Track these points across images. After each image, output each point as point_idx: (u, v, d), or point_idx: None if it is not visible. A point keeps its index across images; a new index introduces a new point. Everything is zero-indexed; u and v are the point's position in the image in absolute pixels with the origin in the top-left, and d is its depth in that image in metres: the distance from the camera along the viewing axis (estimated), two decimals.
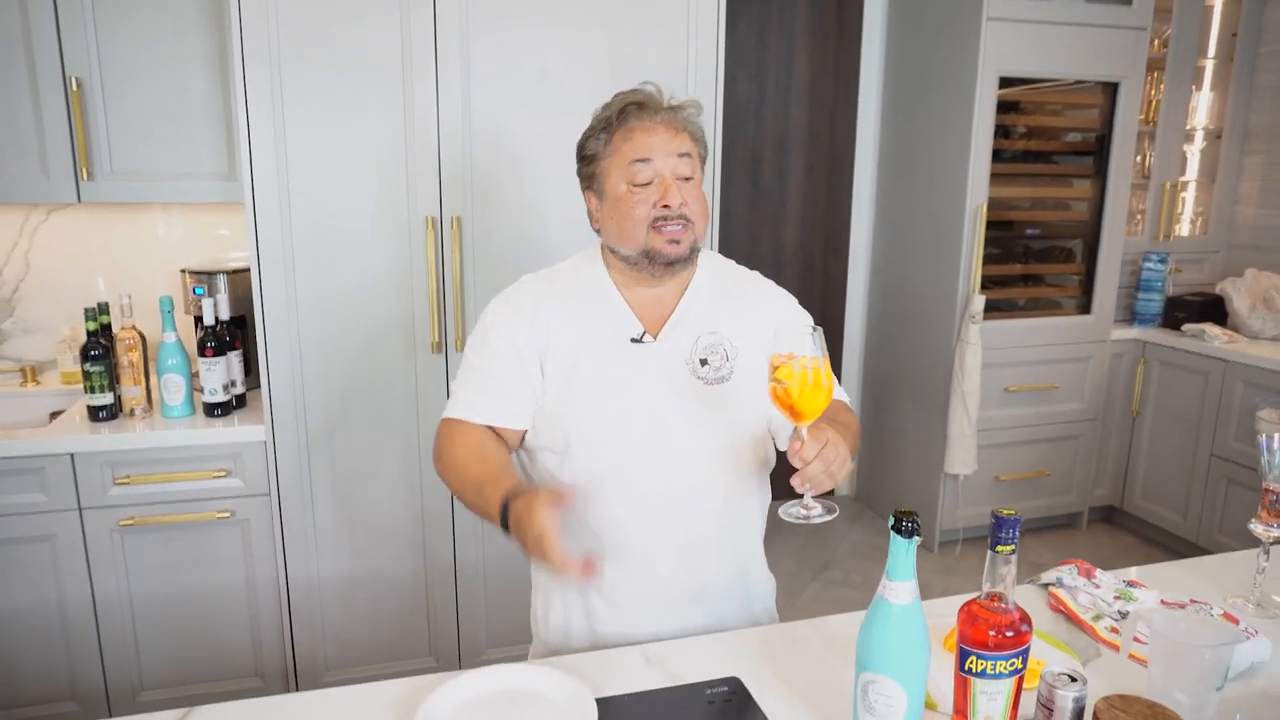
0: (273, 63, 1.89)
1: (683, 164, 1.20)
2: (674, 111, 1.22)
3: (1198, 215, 3.70)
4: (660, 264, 1.21)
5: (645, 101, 1.22)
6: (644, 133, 1.20)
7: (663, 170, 1.19)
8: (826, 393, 1.02)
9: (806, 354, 1.01)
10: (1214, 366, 3.07)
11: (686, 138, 1.22)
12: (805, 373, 1.01)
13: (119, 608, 2.02)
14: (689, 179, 1.21)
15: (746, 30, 3.34)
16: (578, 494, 1.13)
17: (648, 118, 1.20)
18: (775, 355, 1.03)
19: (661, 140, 1.19)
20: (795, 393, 1.01)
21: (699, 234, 1.23)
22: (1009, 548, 0.85)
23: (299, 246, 1.99)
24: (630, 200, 1.20)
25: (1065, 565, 1.29)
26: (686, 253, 1.21)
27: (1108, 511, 3.62)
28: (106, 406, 2.01)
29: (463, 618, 2.28)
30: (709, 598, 1.26)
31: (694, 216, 1.21)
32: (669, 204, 1.18)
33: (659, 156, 1.19)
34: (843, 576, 3.13)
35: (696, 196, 1.22)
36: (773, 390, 1.03)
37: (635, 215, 1.19)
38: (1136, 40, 3.09)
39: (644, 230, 1.19)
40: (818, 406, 1.03)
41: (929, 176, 3.23)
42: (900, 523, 0.85)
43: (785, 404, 1.02)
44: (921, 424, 3.35)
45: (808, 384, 1.01)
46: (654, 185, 1.19)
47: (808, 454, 1.01)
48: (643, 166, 1.19)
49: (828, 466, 1.01)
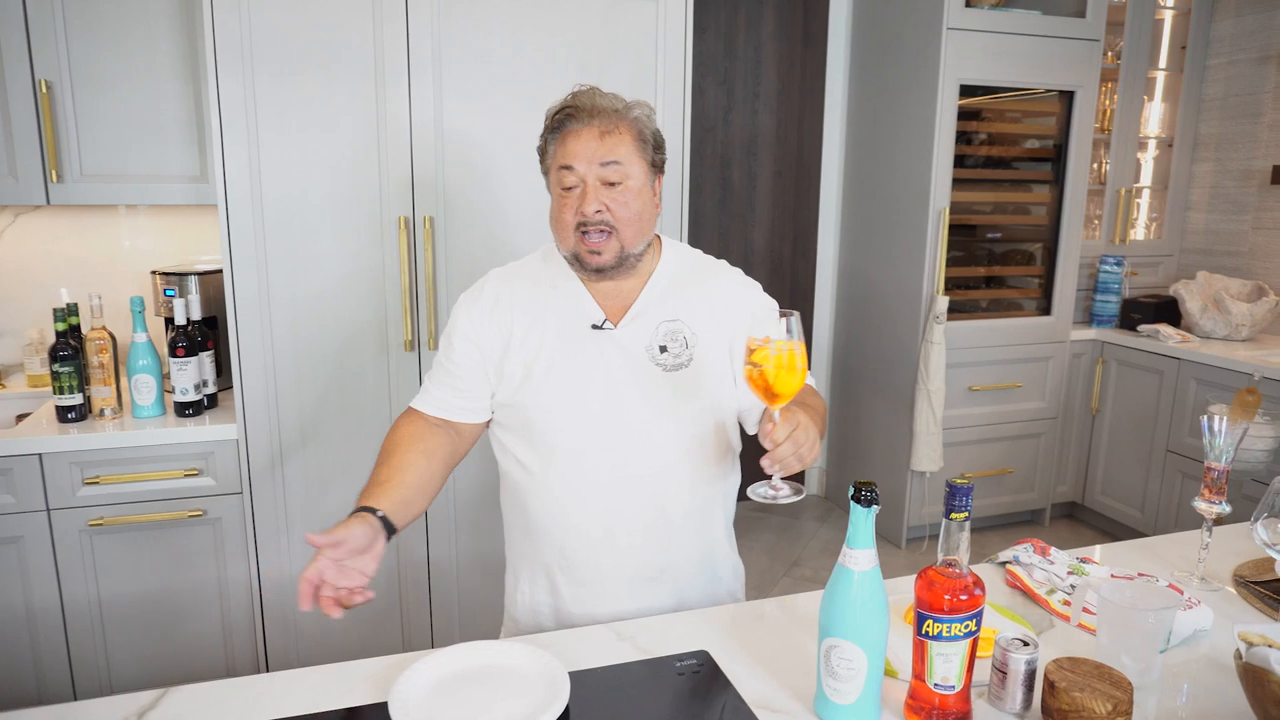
0: (245, 65, 1.90)
1: (610, 171, 1.20)
2: (607, 116, 1.21)
3: (1152, 220, 3.82)
4: (589, 269, 1.24)
5: (577, 106, 1.22)
6: (574, 138, 1.21)
7: (586, 176, 1.20)
8: (801, 376, 1.06)
9: (782, 338, 1.05)
10: (1168, 365, 3.17)
11: (622, 141, 1.21)
12: (781, 356, 1.05)
13: (88, 609, 2.01)
14: (615, 184, 1.20)
15: (715, 38, 3.41)
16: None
17: (578, 123, 1.21)
18: (752, 338, 1.07)
19: (587, 146, 1.20)
20: (771, 375, 1.05)
21: (628, 240, 1.22)
22: (962, 515, 0.90)
23: (271, 247, 2.00)
24: (558, 205, 1.24)
25: (1021, 544, 1.34)
26: (611, 261, 1.22)
27: (1070, 508, 3.71)
28: (75, 407, 2.00)
29: (436, 613, 2.29)
30: (673, 580, 1.30)
31: (620, 223, 1.21)
32: (583, 211, 1.20)
33: (581, 163, 1.20)
34: (812, 573, 3.18)
35: (624, 203, 1.21)
36: (749, 373, 1.07)
37: (562, 220, 1.23)
38: (1090, 51, 3.20)
39: (571, 235, 1.23)
40: (792, 389, 1.07)
41: (893, 180, 3.31)
42: (860, 492, 0.89)
43: (760, 386, 1.06)
44: (888, 422, 3.41)
45: (783, 367, 1.05)
46: (578, 191, 1.21)
47: (778, 436, 1.04)
48: (567, 173, 1.21)
49: (797, 449, 1.05)
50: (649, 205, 1.26)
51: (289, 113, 1.96)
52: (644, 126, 1.25)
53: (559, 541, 1.28)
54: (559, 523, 1.28)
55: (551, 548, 1.29)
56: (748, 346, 1.07)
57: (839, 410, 3.77)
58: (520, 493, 1.31)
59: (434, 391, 1.32)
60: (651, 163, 1.26)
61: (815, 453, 1.09)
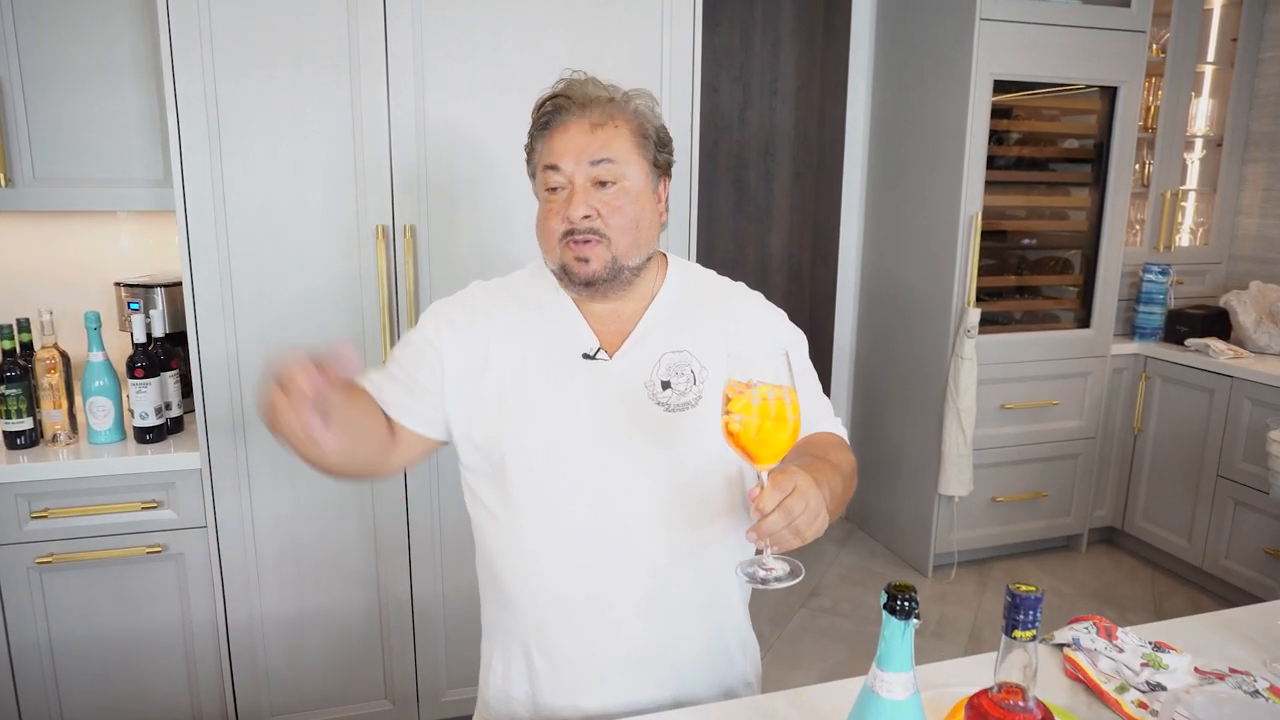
0: (205, 61, 1.72)
1: (602, 169, 1.03)
2: (601, 107, 1.05)
3: (1198, 225, 3.57)
4: (578, 283, 1.06)
5: (568, 96, 1.06)
6: (560, 133, 1.05)
7: (574, 176, 1.03)
8: (792, 430, 0.86)
9: (769, 381, 0.86)
10: (1220, 383, 2.93)
11: (618, 135, 1.05)
12: (766, 404, 0.85)
13: (37, 653, 1.84)
14: (608, 184, 1.04)
15: (730, 31, 3.20)
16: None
17: (568, 115, 1.05)
18: (731, 383, 0.87)
19: (574, 142, 1.04)
20: (752, 429, 0.85)
21: (622, 250, 1.05)
22: (1029, 633, 0.69)
23: (236, 257, 1.82)
24: (545, 209, 1.07)
25: (1081, 622, 1.13)
26: (602, 272, 1.05)
27: (1108, 533, 3.47)
28: (25, 432, 1.83)
29: (421, 657, 2.11)
30: (673, 663, 1.10)
31: (612, 230, 1.04)
32: (569, 215, 1.03)
33: (569, 161, 1.03)
34: (832, 604, 2.97)
35: (618, 207, 1.04)
36: (725, 425, 0.87)
37: (547, 226, 1.06)
38: (1135, 43, 2.96)
39: (556, 244, 1.05)
40: (780, 446, 0.87)
41: (921, 183, 3.09)
42: (895, 600, 0.69)
43: (738, 443, 0.87)
44: (914, 442, 3.19)
45: (768, 418, 0.85)
46: (563, 193, 1.04)
47: (766, 504, 0.84)
48: (552, 173, 1.04)
49: (791, 520, 0.85)
50: (649, 211, 1.08)
51: (254, 112, 1.78)
52: (645, 120, 1.07)
53: (535, 611, 1.09)
54: (535, 588, 1.09)
55: (526, 619, 1.10)
56: (725, 393, 0.87)
57: (860, 429, 3.55)
58: (492, 551, 1.13)
59: (379, 380, 1.13)
60: (654, 162, 1.08)
61: (819, 526, 0.88)
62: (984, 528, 3.17)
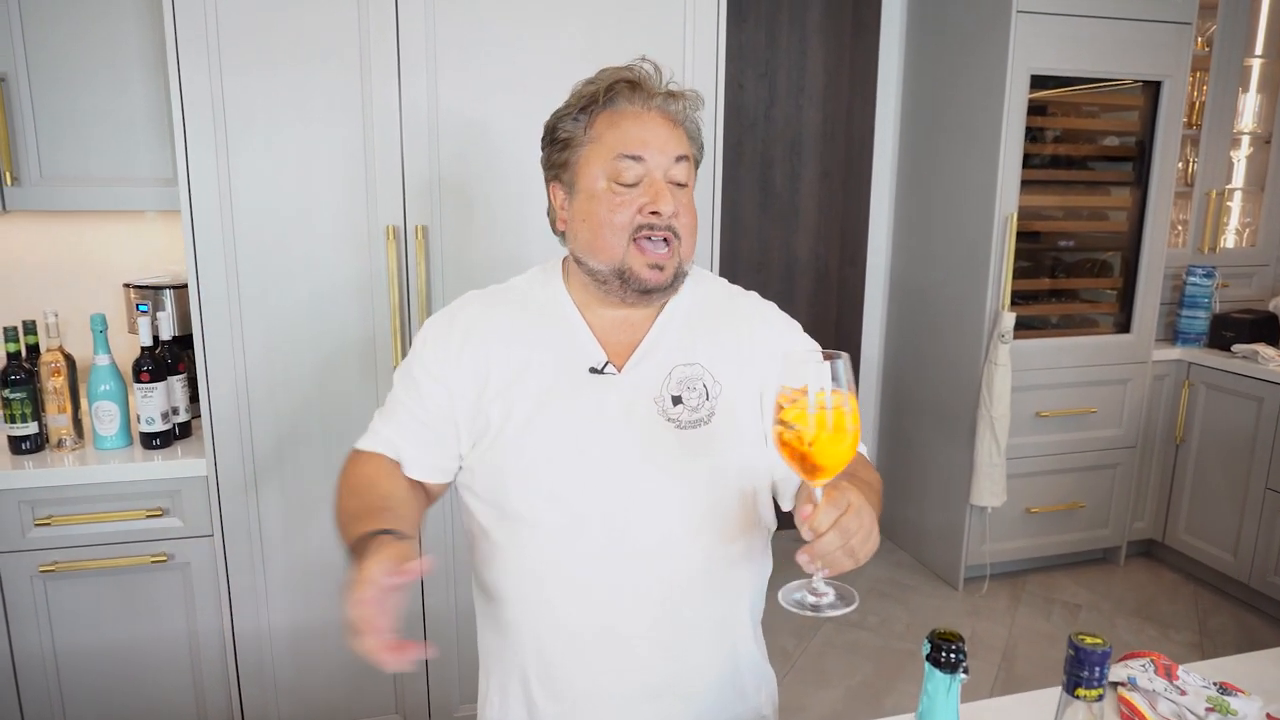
0: (210, 54, 1.67)
1: (679, 168, 0.98)
2: (673, 100, 1.00)
3: (1245, 226, 3.43)
4: (634, 290, 0.99)
5: (640, 82, 0.99)
6: (636, 121, 0.97)
7: (655, 171, 0.97)
8: (852, 440, 0.79)
9: (826, 387, 0.77)
10: (1269, 391, 2.79)
11: (684, 136, 1.00)
12: (824, 414, 0.77)
13: (40, 663, 1.80)
14: (683, 186, 0.99)
15: (755, 27, 3.11)
16: (429, 568, 0.89)
17: (641, 102, 0.98)
18: (784, 390, 0.79)
19: (658, 134, 0.97)
20: (810, 441, 0.77)
21: (685, 256, 1.01)
22: (1095, 691, 0.61)
23: (244, 258, 1.77)
24: (610, 201, 0.97)
25: (1138, 658, 1.04)
26: (669, 281, 1.00)
27: (1148, 546, 3.34)
28: (30, 437, 1.79)
29: (433, 671, 2.05)
30: (684, 697, 1.03)
31: (684, 233, 0.99)
32: (659, 210, 0.95)
33: (653, 154, 0.97)
34: (858, 618, 2.86)
35: (690, 209, 1.00)
36: (779, 436, 0.79)
37: (614, 222, 0.97)
38: (1181, 36, 2.84)
39: (624, 242, 0.97)
40: (839, 459, 0.79)
41: (953, 183, 2.98)
42: (940, 652, 0.61)
43: (795, 455, 0.79)
44: (945, 451, 3.08)
45: (826, 428, 0.77)
46: (641, 187, 0.96)
47: (820, 523, 0.77)
48: (631, 164, 0.96)
49: (847, 540, 0.78)
50: None
51: (261, 109, 1.72)
52: (695, 123, 1.03)
53: (537, 640, 1.02)
54: (537, 615, 1.02)
55: (527, 649, 1.03)
56: (778, 401, 0.79)
57: (889, 437, 3.45)
58: (490, 573, 1.06)
59: (398, 443, 1.05)
60: (696, 165, 1.04)
61: (871, 546, 0.81)
62: (1018, 539, 3.06)
